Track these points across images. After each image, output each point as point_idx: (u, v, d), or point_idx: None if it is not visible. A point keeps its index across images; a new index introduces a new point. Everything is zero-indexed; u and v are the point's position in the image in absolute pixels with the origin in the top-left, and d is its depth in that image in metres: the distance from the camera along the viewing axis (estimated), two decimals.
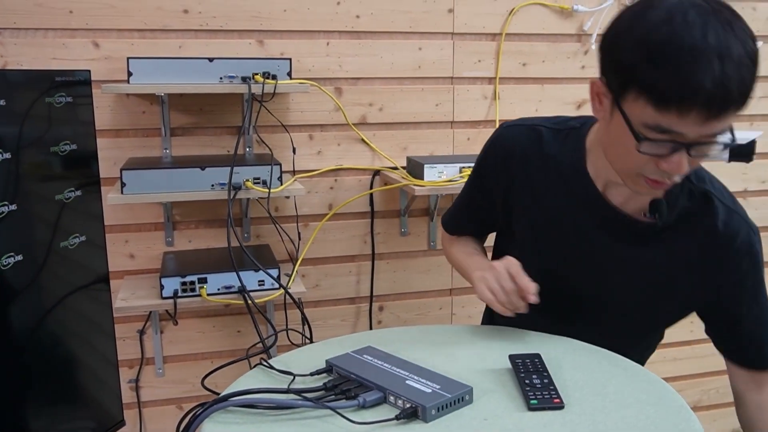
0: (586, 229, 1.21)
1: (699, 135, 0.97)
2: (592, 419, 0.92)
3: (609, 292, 1.23)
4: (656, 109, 0.96)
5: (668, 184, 1.06)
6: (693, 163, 1.02)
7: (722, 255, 1.18)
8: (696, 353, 2.46)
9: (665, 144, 0.99)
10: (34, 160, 1.41)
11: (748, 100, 0.96)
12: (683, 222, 1.17)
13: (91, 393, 1.60)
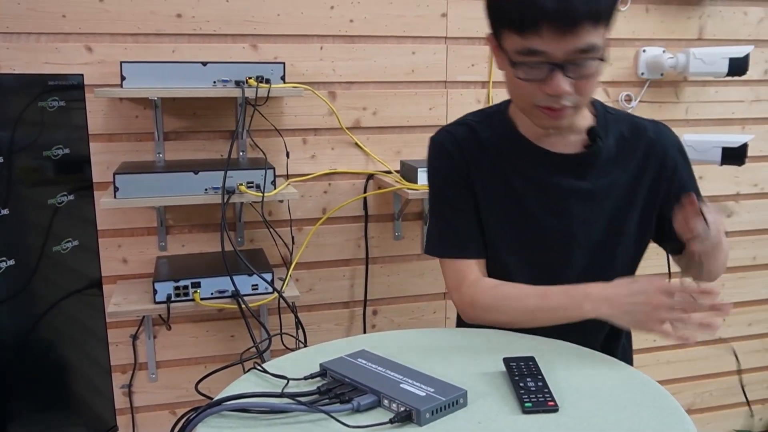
0: (542, 182, 1.29)
1: (565, 53, 1.10)
2: (586, 422, 0.92)
3: (578, 230, 1.30)
4: (518, 35, 1.11)
5: (562, 111, 1.17)
6: (578, 87, 1.15)
7: (662, 159, 1.30)
8: (689, 356, 2.47)
9: (539, 67, 1.13)
10: (27, 165, 1.41)
11: (601, 12, 1.09)
12: (622, 146, 1.30)
13: (84, 398, 1.59)
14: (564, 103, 1.17)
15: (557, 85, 1.13)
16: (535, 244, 1.31)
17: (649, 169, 1.30)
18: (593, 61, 1.13)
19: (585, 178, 1.29)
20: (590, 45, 1.10)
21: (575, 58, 1.11)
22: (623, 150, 1.30)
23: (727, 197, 2.39)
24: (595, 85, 1.19)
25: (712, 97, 2.30)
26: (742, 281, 2.46)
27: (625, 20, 2.16)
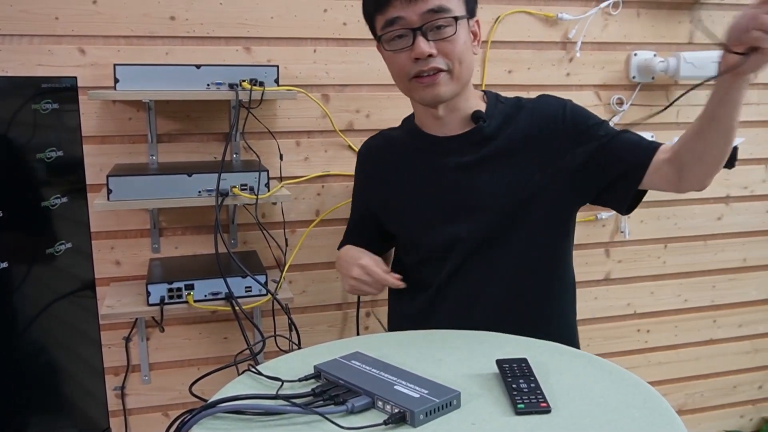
0: (432, 164, 1.45)
1: (419, 16, 1.28)
2: (578, 423, 0.93)
3: (469, 198, 1.41)
4: (377, 11, 1.33)
5: (435, 77, 1.32)
6: (443, 49, 1.30)
7: (547, 123, 1.40)
8: (680, 357, 2.48)
9: (403, 35, 1.31)
10: (21, 167, 1.41)
11: None
12: (506, 122, 1.42)
13: (77, 401, 1.59)
14: (433, 65, 1.31)
15: (419, 47, 1.29)
16: (440, 218, 1.44)
17: (531, 135, 1.40)
18: (450, 25, 1.29)
19: (468, 153, 1.41)
20: (439, 6, 1.28)
21: (430, 19, 1.28)
22: (506, 125, 1.42)
23: (718, 200, 2.40)
24: (464, 54, 1.33)
25: (703, 100, 2.29)
26: (733, 283, 2.48)
27: (616, 24, 2.17)
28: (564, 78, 2.16)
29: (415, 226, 1.48)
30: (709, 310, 2.48)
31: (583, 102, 2.18)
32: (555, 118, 1.40)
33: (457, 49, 1.31)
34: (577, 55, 2.15)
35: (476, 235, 1.41)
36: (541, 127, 1.40)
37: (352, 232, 1.66)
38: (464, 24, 1.33)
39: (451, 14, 1.29)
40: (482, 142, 1.41)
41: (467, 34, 1.34)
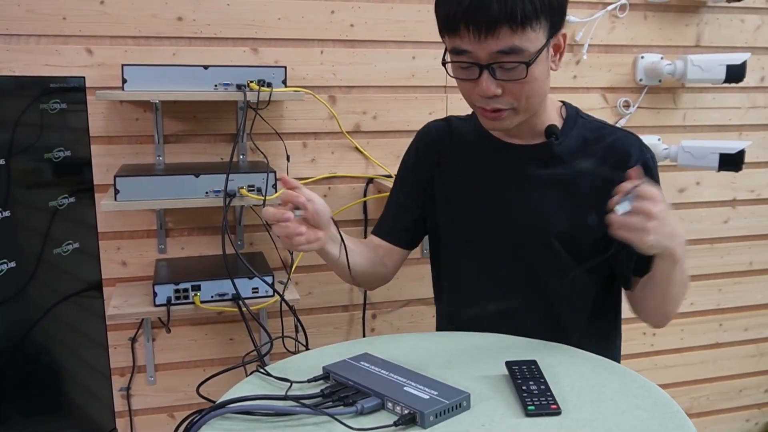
0: (505, 172, 1.33)
1: (487, 54, 1.14)
2: (588, 425, 0.93)
3: (540, 216, 1.31)
4: (446, 35, 1.19)
5: (499, 113, 1.21)
6: (510, 90, 1.17)
7: (619, 163, 1.26)
8: (686, 361, 2.48)
9: (469, 67, 1.17)
10: (28, 167, 1.41)
11: (519, 15, 1.10)
12: (582, 146, 1.30)
13: (82, 401, 1.59)
14: (496, 106, 1.20)
15: (483, 85, 1.17)
16: (490, 225, 1.35)
17: (604, 170, 1.28)
18: (519, 65, 1.14)
19: (534, 167, 1.31)
20: (510, 48, 1.13)
21: (498, 59, 1.14)
22: (582, 150, 1.30)
23: (724, 203, 2.40)
24: (535, 89, 1.19)
25: (710, 103, 2.32)
26: (739, 286, 2.47)
27: (623, 27, 2.17)
28: (571, 80, 2.16)
29: (463, 224, 1.38)
30: (715, 313, 2.48)
31: (590, 104, 2.18)
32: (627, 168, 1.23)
33: (525, 90, 1.18)
34: (584, 57, 2.14)
35: (518, 256, 1.33)
36: (613, 169, 1.26)
37: (389, 214, 1.51)
38: (543, 55, 1.17)
39: (524, 58, 1.14)
40: (550, 160, 1.30)
41: (544, 64, 1.19)
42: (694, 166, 2.11)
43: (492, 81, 1.16)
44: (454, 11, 1.13)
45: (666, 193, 2.33)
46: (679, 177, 2.33)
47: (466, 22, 1.12)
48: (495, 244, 1.34)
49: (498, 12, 1.10)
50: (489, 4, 1.10)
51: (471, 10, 1.11)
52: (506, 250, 1.33)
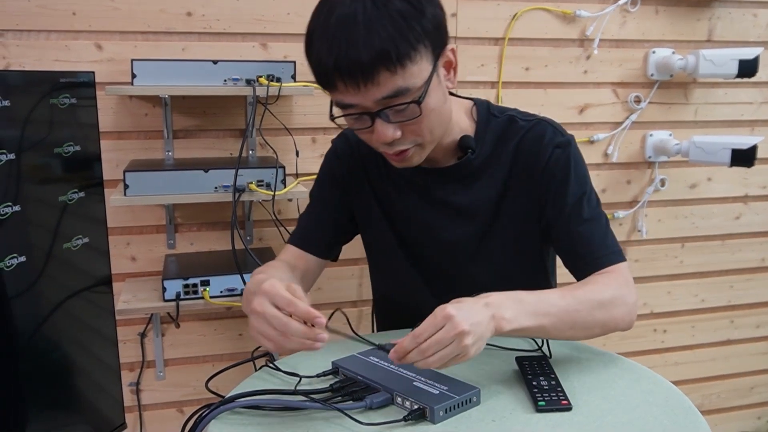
0: (431, 200, 1.26)
1: (374, 102, 1.03)
2: (599, 420, 0.92)
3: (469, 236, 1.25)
4: (325, 89, 1.06)
5: (403, 154, 1.11)
6: (410, 129, 1.07)
7: (537, 161, 1.20)
8: (697, 357, 2.46)
9: (359, 117, 1.06)
10: (38, 162, 1.41)
11: (393, 56, 0.99)
12: (497, 148, 1.22)
13: (91, 396, 1.59)
14: (399, 148, 1.10)
15: (381, 133, 1.06)
16: (420, 240, 1.30)
17: (517, 173, 1.21)
18: (410, 105, 1.03)
19: (457, 192, 1.24)
20: (395, 91, 1.01)
21: (387, 104, 1.03)
22: (496, 154, 1.23)
23: (736, 199, 2.38)
24: (436, 120, 1.09)
25: (722, 98, 2.30)
26: (750, 283, 2.46)
27: (634, 21, 2.15)
28: (581, 75, 2.14)
29: (397, 243, 1.33)
30: (726, 310, 2.46)
31: (601, 100, 2.17)
32: (537, 163, 1.20)
33: (425, 125, 1.08)
34: (595, 52, 2.13)
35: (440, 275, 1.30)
36: (526, 167, 1.21)
37: (312, 226, 1.40)
38: (434, 83, 1.06)
39: (413, 96, 1.03)
40: (471, 176, 1.24)
41: (438, 89, 1.08)
42: (706, 162, 2.10)
43: (388, 126, 1.05)
44: (325, 67, 1.01)
45: (678, 189, 2.32)
46: (691, 173, 2.31)
47: (341, 76, 1.00)
48: (432, 263, 1.30)
49: (370, 58, 0.98)
50: (358, 52, 0.98)
51: (341, 61, 0.99)
52: (444, 270, 1.29)
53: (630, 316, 1.12)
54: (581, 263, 1.17)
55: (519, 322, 0.99)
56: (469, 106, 1.27)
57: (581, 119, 2.17)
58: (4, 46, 1.73)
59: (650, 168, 2.26)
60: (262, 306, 0.96)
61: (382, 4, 0.99)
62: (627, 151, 2.23)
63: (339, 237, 1.41)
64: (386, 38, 0.98)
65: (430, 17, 1.03)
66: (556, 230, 1.20)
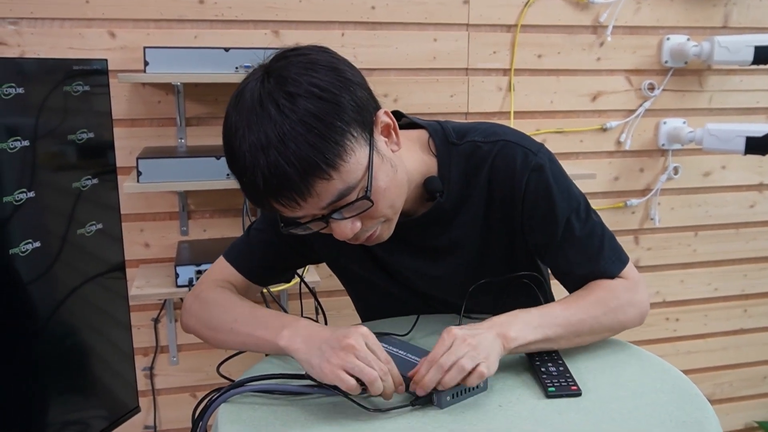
0: (403, 248, 1.16)
1: (320, 209, 0.94)
2: (607, 406, 0.92)
3: (457, 271, 1.18)
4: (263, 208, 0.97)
5: (371, 237, 1.03)
6: (368, 216, 0.98)
7: (513, 192, 1.10)
8: (709, 347, 2.45)
9: (311, 222, 0.97)
10: (52, 149, 1.42)
11: (328, 164, 0.89)
12: (467, 183, 1.12)
13: (106, 381, 1.62)
14: (366, 234, 1.02)
15: (340, 232, 0.98)
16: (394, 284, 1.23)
17: (495, 206, 1.12)
18: (359, 201, 0.95)
19: (429, 240, 1.16)
20: (338, 195, 0.93)
21: (335, 207, 0.95)
22: (467, 190, 1.12)
23: (750, 187, 2.36)
24: (392, 194, 1.00)
25: (737, 86, 2.28)
26: (764, 272, 2.44)
27: (649, 8, 2.14)
28: (594, 63, 2.13)
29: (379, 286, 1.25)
30: (739, 299, 2.45)
31: (614, 87, 2.16)
32: (514, 193, 1.10)
33: (382, 205, 0.99)
34: (608, 39, 2.12)
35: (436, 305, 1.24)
36: (502, 198, 1.11)
37: (249, 248, 1.27)
38: (377, 163, 0.97)
39: (359, 191, 0.95)
40: (446, 218, 1.14)
41: (383, 164, 0.98)
42: (720, 150, 2.08)
43: (345, 223, 0.97)
44: (256, 196, 0.94)
45: (691, 177, 2.31)
46: (705, 161, 2.30)
47: (277, 199, 0.93)
48: (422, 292, 1.24)
49: (299, 175, 0.89)
50: (284, 172, 0.89)
51: (270, 189, 0.91)
52: (436, 296, 1.24)
53: (640, 316, 1.11)
54: (583, 281, 1.13)
55: (525, 338, 1.00)
56: (425, 139, 1.13)
57: (594, 107, 2.16)
58: (19, 34, 1.74)
59: (663, 156, 2.25)
60: (362, 345, 0.93)
61: (290, 112, 0.89)
62: (640, 139, 2.22)
63: (278, 270, 1.30)
64: (308, 150, 0.88)
65: (348, 103, 0.93)
66: (549, 256, 1.15)
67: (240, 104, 0.94)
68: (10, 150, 1.30)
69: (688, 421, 0.88)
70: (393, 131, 1.02)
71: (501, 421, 0.89)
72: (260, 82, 0.94)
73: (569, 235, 1.11)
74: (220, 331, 1.11)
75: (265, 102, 0.91)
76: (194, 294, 1.21)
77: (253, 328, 1.06)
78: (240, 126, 0.92)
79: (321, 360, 0.93)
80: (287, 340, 0.99)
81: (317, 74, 0.93)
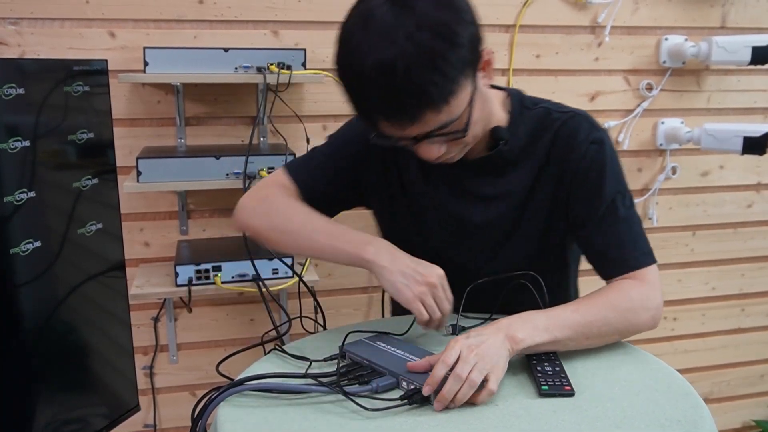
0: (462, 190, 1.23)
1: (418, 133, 1.03)
2: (601, 406, 0.93)
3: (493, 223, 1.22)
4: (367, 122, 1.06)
5: (450, 159, 1.11)
6: (453, 143, 1.07)
7: (570, 156, 1.17)
8: (707, 345, 2.46)
9: (398, 139, 1.05)
10: (53, 148, 1.43)
11: (437, 99, 0.98)
12: (531, 141, 1.19)
13: (106, 379, 1.63)
14: (445, 158, 1.10)
15: (426, 152, 1.08)
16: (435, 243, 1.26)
17: (550, 167, 1.18)
18: (455, 133, 1.05)
19: (487, 184, 1.21)
20: (440, 126, 1.02)
21: (432, 134, 1.04)
22: (529, 147, 1.19)
23: (748, 187, 2.37)
24: (479, 127, 1.10)
25: (735, 86, 2.29)
26: (762, 271, 2.45)
27: (647, 8, 2.14)
28: (593, 63, 2.14)
29: (423, 236, 1.29)
30: (737, 298, 2.46)
31: (612, 87, 2.17)
32: (571, 159, 1.17)
33: (468, 136, 1.08)
34: (606, 39, 2.12)
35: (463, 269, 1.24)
36: (559, 162, 1.18)
37: (313, 167, 1.32)
38: (476, 99, 1.06)
39: (458, 126, 1.04)
40: (502, 167, 1.20)
41: (480, 102, 1.08)
42: (718, 150, 2.09)
43: (432, 146, 1.07)
44: (367, 109, 1.03)
45: (689, 177, 2.31)
46: (703, 160, 2.30)
47: (386, 119, 1.02)
48: (448, 258, 1.22)
49: (413, 102, 0.98)
50: (401, 98, 0.98)
51: (384, 106, 1.00)
52: (461, 265, 1.24)
53: (653, 320, 1.11)
54: (609, 264, 1.15)
55: (533, 339, 1.01)
56: (503, 97, 1.23)
57: (592, 107, 2.16)
58: (20, 34, 1.75)
59: (662, 156, 2.26)
60: (440, 287, 1.07)
61: (417, 44, 0.95)
62: (638, 139, 2.22)
63: (330, 197, 1.33)
64: (429, 83, 0.97)
65: (466, 41, 1.00)
66: (587, 229, 1.17)
67: (368, 25, 0.99)
68: (11, 150, 1.31)
69: (682, 420, 0.89)
70: (490, 66, 1.10)
71: (497, 420, 0.90)
72: (389, 8, 0.98)
73: (611, 214, 1.15)
74: (294, 237, 1.21)
75: (398, 30, 0.96)
76: (257, 197, 1.28)
77: (335, 239, 1.15)
78: (366, 45, 0.98)
79: (404, 285, 1.06)
80: (373, 255, 1.09)
81: (443, 11, 0.99)
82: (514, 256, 1.23)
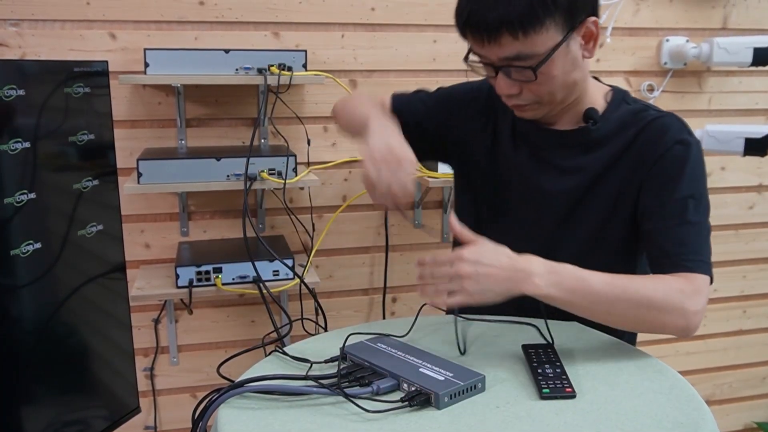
0: (539, 159, 1.27)
1: (497, 58, 1.12)
2: (602, 408, 0.93)
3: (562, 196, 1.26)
4: (460, 32, 1.15)
5: (522, 107, 1.19)
6: (528, 87, 1.14)
7: (654, 148, 1.19)
8: (709, 347, 2.46)
9: (486, 66, 1.15)
10: (53, 150, 1.43)
11: (515, 23, 1.06)
12: (620, 129, 1.23)
13: (107, 381, 1.62)
14: (517, 102, 1.18)
15: (499, 85, 1.17)
16: (506, 205, 1.32)
17: (630, 156, 1.21)
18: (526, 69, 1.11)
19: (569, 157, 1.25)
20: (515, 55, 1.10)
21: (509, 63, 1.12)
22: (617, 133, 1.23)
23: (750, 188, 2.37)
24: (556, 85, 1.14)
25: (736, 87, 2.28)
26: (763, 273, 2.45)
27: (648, 9, 2.14)
28: (594, 64, 2.14)
29: (498, 199, 1.33)
30: (738, 300, 2.45)
31: None
32: (653, 152, 1.18)
33: (543, 88, 1.14)
34: (608, 40, 2.12)
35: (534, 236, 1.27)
36: (641, 153, 1.20)
37: (415, 105, 1.41)
38: (561, 53, 1.11)
39: (531, 62, 1.09)
40: (586, 145, 1.23)
41: (564, 59, 1.12)
42: (719, 151, 2.09)
43: (506, 81, 1.15)
44: (459, 18, 1.13)
45: None
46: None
47: (470, 30, 1.12)
48: (523, 227, 1.29)
49: (495, 20, 1.07)
50: (485, 12, 1.08)
51: (470, 18, 1.10)
52: (533, 235, 1.27)
53: (685, 325, 1.08)
54: (666, 261, 1.14)
55: (547, 291, 1.04)
56: (606, 90, 1.28)
57: None
58: (20, 35, 1.75)
59: None
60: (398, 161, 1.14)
61: None
62: None
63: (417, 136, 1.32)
64: (516, 6, 1.05)
65: None
66: (652, 222, 1.17)
67: None
68: (11, 151, 1.31)
69: (684, 422, 0.89)
70: (593, 41, 1.16)
71: (498, 422, 0.90)
72: None
73: (680, 215, 1.16)
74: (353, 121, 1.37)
75: None
76: (357, 94, 1.52)
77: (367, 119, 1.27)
78: None
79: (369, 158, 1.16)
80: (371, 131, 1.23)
81: None
82: (577, 230, 1.26)
